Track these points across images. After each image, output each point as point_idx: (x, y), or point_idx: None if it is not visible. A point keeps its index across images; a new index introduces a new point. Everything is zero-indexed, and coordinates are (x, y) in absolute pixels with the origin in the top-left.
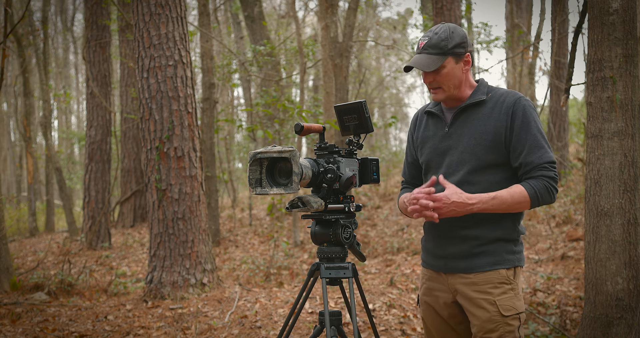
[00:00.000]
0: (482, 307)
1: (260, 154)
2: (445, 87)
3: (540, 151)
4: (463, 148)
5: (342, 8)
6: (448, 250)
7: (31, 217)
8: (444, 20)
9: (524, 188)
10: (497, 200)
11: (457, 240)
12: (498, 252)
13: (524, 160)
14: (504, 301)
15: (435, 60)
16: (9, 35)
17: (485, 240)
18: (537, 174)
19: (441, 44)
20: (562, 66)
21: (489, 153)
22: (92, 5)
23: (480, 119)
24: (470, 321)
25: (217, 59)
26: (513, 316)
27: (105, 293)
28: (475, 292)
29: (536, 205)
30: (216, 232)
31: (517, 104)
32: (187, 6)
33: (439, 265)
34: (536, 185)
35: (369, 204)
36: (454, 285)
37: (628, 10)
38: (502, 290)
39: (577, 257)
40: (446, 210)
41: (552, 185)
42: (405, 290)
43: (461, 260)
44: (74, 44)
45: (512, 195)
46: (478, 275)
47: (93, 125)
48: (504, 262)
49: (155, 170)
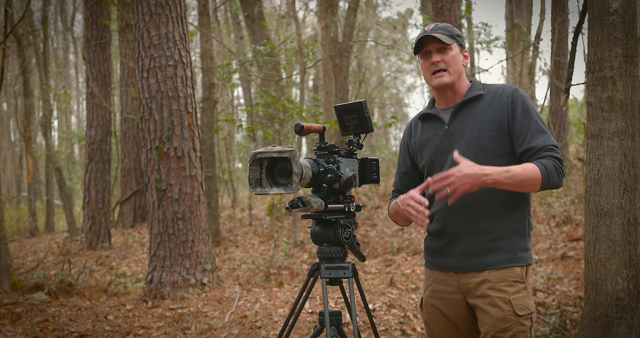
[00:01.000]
0: (497, 305)
1: (260, 154)
2: (451, 70)
3: (543, 136)
4: (467, 142)
5: (342, 8)
6: (460, 247)
7: (31, 217)
8: (444, 20)
9: (535, 165)
10: (511, 173)
11: (469, 236)
12: (512, 249)
13: (528, 145)
14: (519, 300)
15: (447, 38)
16: (9, 35)
17: (498, 233)
18: (545, 154)
19: (448, 28)
20: (562, 66)
21: (494, 142)
22: (92, 5)
23: (480, 112)
24: (481, 320)
25: (217, 59)
26: (526, 316)
27: (105, 293)
28: (490, 289)
29: (546, 183)
30: (216, 232)
31: (516, 93)
32: (187, 6)
33: (449, 264)
34: (546, 163)
35: (369, 204)
36: (466, 284)
37: (628, 10)
38: (517, 289)
39: (577, 257)
40: (460, 184)
41: (560, 166)
42: (405, 290)
43: (475, 258)
44: (74, 44)
45: (525, 170)
46: (493, 272)
47: (93, 125)
48: (519, 260)
49: (155, 170)
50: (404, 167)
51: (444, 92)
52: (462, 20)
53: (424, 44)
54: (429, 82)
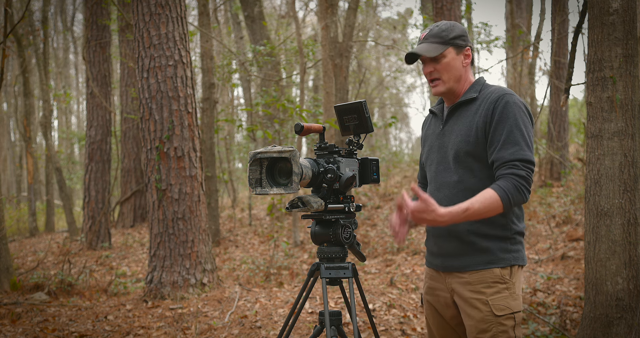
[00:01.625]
0: (476, 306)
1: (260, 154)
2: (444, 78)
3: (513, 147)
4: (453, 145)
5: (342, 8)
6: (444, 248)
7: (31, 217)
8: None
9: (494, 191)
10: (469, 212)
11: (452, 238)
12: (492, 251)
13: (495, 156)
14: (497, 301)
15: (436, 47)
16: (9, 35)
17: (477, 236)
18: (506, 172)
19: (442, 33)
20: (562, 66)
21: (476, 148)
22: (92, 5)
23: (468, 115)
24: (464, 321)
25: (217, 59)
26: (507, 316)
27: (105, 293)
28: (470, 291)
29: (508, 207)
30: (216, 232)
31: (500, 100)
32: (187, 6)
33: (437, 263)
34: (505, 185)
35: (369, 204)
36: (450, 284)
37: (628, 10)
38: (496, 290)
39: (577, 257)
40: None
41: (522, 184)
42: (405, 290)
43: (456, 259)
44: (74, 44)
45: (483, 203)
46: (472, 274)
47: (93, 125)
48: (499, 261)
49: (155, 170)
50: (421, 159)
51: (444, 95)
52: (462, 20)
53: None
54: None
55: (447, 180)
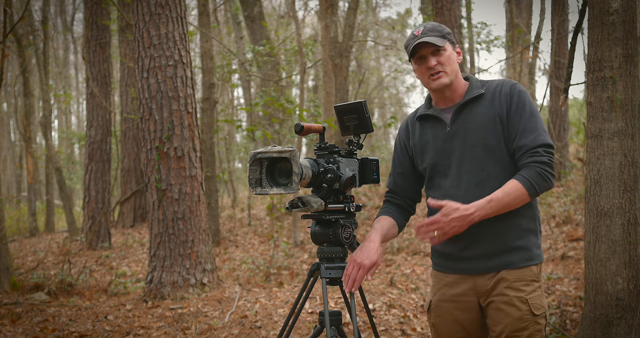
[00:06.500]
0: (514, 304)
1: (260, 154)
2: (447, 70)
3: (532, 134)
4: (472, 143)
5: (342, 8)
6: (479, 249)
7: (31, 217)
8: (444, 20)
9: (517, 181)
10: (494, 202)
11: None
12: (529, 247)
13: (517, 144)
14: (535, 300)
15: (440, 39)
16: (9, 35)
17: (517, 232)
18: (529, 161)
19: (438, 28)
20: (562, 66)
21: (500, 141)
22: (92, 5)
23: (482, 111)
24: (497, 319)
25: (217, 59)
26: (542, 315)
27: (105, 293)
28: (508, 288)
29: (534, 195)
30: (216, 232)
31: (513, 89)
32: (187, 6)
33: (466, 267)
34: (529, 174)
35: (369, 204)
36: (482, 286)
37: (628, 10)
38: (533, 288)
39: (577, 257)
40: (448, 228)
41: (545, 170)
42: (405, 290)
43: (493, 258)
44: (74, 44)
45: (507, 193)
46: (510, 271)
47: (93, 125)
48: (535, 258)
49: (155, 170)
50: (400, 168)
51: (443, 92)
52: (462, 20)
53: (417, 49)
54: (426, 85)
55: (476, 180)
